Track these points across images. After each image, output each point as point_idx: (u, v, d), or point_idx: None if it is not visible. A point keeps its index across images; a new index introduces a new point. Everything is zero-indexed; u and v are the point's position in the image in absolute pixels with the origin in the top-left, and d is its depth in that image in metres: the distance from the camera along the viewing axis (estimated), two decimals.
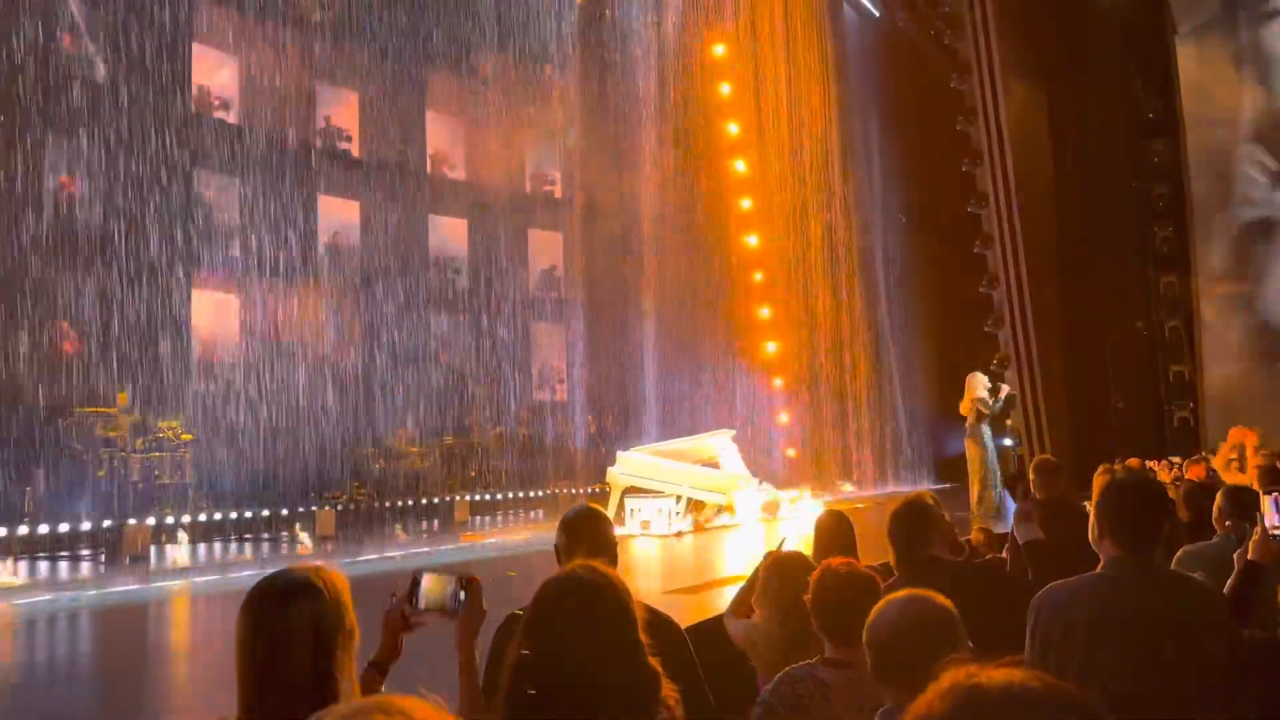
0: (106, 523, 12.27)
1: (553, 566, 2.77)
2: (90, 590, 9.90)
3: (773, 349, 23.44)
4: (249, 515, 14.58)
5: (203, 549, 13.19)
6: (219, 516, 14.19)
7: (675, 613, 6.17)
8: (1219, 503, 4.84)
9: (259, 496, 15.01)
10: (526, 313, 22.12)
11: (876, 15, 28.38)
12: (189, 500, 14.36)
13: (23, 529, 11.76)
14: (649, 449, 15.16)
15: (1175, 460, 15.98)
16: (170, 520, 13.50)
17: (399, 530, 14.80)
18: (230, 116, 18.03)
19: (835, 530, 4.55)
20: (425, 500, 16.95)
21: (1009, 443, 25.12)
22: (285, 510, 14.58)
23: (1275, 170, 25.34)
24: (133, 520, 12.35)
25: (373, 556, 11.44)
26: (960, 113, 27.38)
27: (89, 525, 12.51)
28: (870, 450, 25.46)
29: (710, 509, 14.32)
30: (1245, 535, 3.68)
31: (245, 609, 1.93)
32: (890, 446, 26.49)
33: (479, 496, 18.03)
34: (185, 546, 13.05)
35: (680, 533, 13.28)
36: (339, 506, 15.28)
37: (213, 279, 17.68)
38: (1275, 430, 20.38)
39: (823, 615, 2.83)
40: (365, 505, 16.23)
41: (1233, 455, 11.20)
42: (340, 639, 1.92)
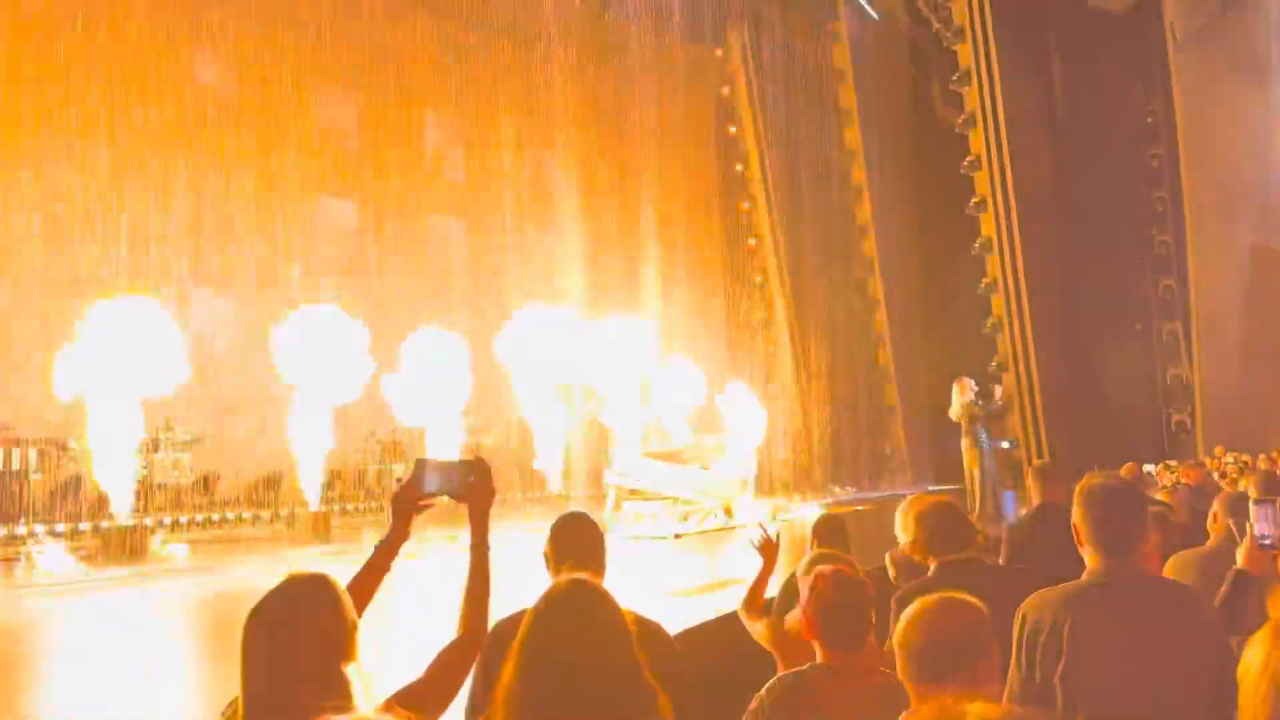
0: (103, 522, 12.26)
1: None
2: (89, 591, 9.89)
3: (771, 350, 23.44)
4: (247, 515, 14.58)
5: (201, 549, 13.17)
6: (217, 516, 14.18)
7: (671, 616, 6.18)
8: (1215, 508, 4.85)
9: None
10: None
11: (876, 18, 28.39)
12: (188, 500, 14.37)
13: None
14: (646, 452, 15.15)
15: (1172, 464, 15.99)
16: (168, 520, 13.48)
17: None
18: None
19: (829, 534, 4.55)
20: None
21: (1006, 445, 25.13)
22: (284, 510, 14.58)
23: None
24: (130, 520, 12.34)
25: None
26: (959, 116, 27.41)
27: (86, 524, 12.51)
28: (867, 453, 25.46)
29: (706, 512, 14.31)
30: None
31: (256, 616, 1.95)
32: (888, 449, 26.48)
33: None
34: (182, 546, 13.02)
35: (676, 536, 13.27)
36: (338, 507, 15.25)
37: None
38: (1272, 434, 20.48)
39: (816, 621, 2.83)
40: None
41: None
42: (347, 638, 1.97)
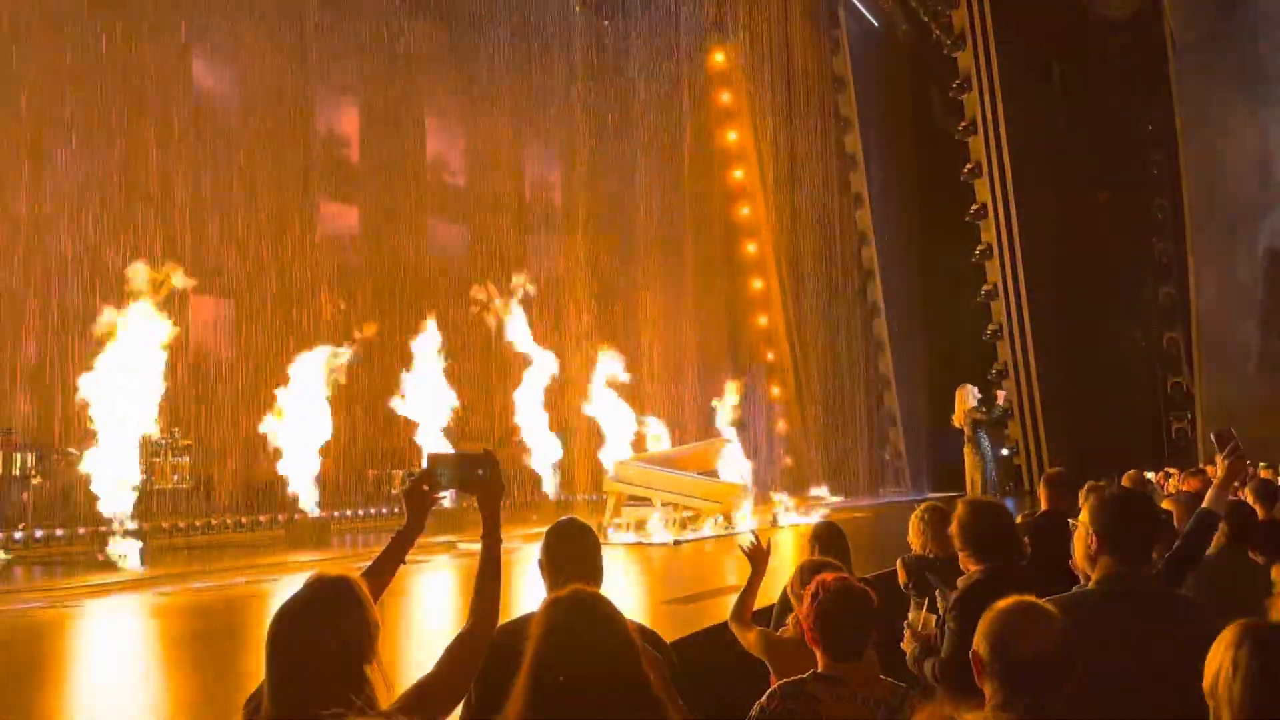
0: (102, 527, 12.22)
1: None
2: (86, 596, 9.87)
3: (771, 357, 23.45)
4: (244, 521, 14.57)
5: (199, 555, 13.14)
6: (214, 522, 14.17)
7: (670, 623, 6.17)
8: None
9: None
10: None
11: (876, 25, 28.44)
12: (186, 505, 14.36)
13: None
14: (646, 457, 15.13)
15: (1172, 472, 15.94)
16: (165, 525, 13.46)
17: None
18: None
19: (829, 541, 4.53)
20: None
21: (1005, 452, 25.12)
22: (281, 516, 14.56)
23: None
24: (128, 525, 12.30)
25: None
26: (959, 123, 27.46)
27: (84, 530, 12.48)
28: (867, 459, 25.45)
29: (707, 518, 14.28)
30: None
31: (279, 621, 1.97)
32: (888, 456, 26.48)
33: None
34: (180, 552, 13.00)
35: (676, 542, 13.25)
36: (335, 513, 15.23)
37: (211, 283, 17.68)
38: (1272, 442, 20.43)
39: (816, 630, 2.81)
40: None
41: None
42: (371, 642, 1.99)
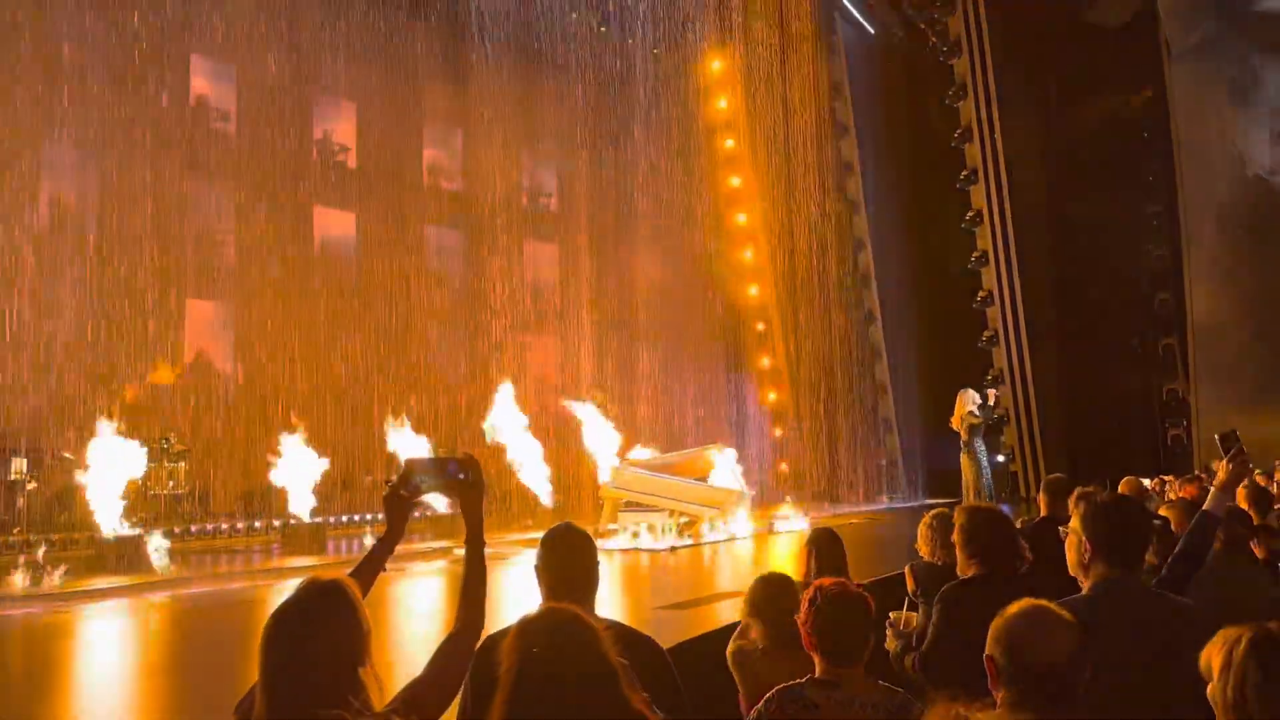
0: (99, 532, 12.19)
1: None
2: (83, 600, 9.85)
3: (766, 364, 23.47)
4: (240, 526, 14.55)
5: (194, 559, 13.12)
6: (210, 527, 14.14)
7: (666, 629, 6.16)
8: None
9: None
10: (522, 324, 22.08)
11: (872, 32, 28.50)
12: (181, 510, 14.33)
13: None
14: (644, 462, 15.13)
15: (1169, 479, 15.99)
16: (161, 530, 13.42)
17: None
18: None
19: (825, 547, 4.53)
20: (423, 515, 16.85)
21: (1001, 459, 25.14)
22: (276, 521, 14.53)
23: None
24: (124, 530, 12.28)
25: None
26: (955, 130, 27.52)
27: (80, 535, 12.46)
28: (863, 465, 25.46)
29: (703, 523, 14.27)
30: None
31: (274, 625, 1.97)
32: (883, 462, 26.49)
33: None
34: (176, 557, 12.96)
35: (674, 547, 13.24)
36: (330, 519, 15.20)
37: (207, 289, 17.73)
38: (1266, 450, 20.47)
39: (814, 635, 2.81)
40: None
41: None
42: (364, 645, 2.00)
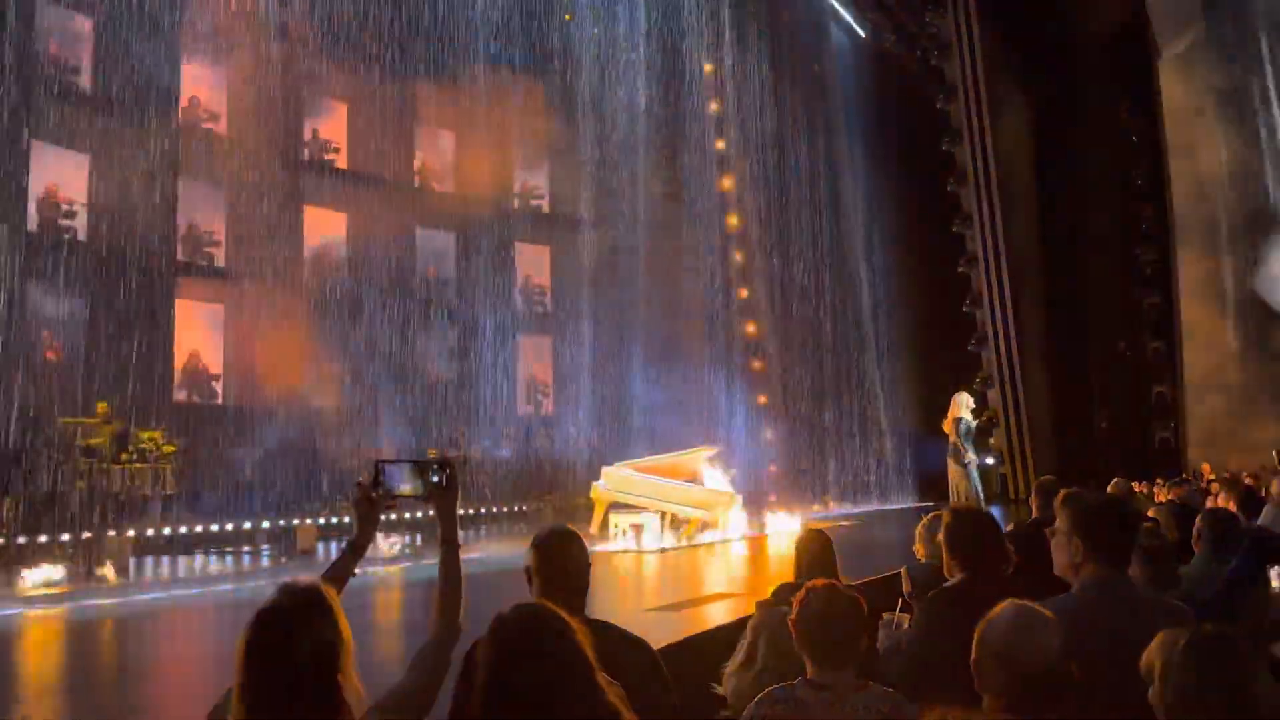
0: (85, 534, 12.15)
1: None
2: (64, 603, 9.81)
3: (758, 366, 23.48)
4: (229, 528, 14.48)
5: (182, 562, 13.08)
6: (200, 529, 14.08)
7: (657, 630, 6.16)
8: (1198, 525, 4.89)
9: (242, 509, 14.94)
10: (513, 326, 22.09)
11: (862, 35, 28.57)
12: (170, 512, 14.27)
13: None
14: (634, 464, 15.12)
15: (1159, 482, 16.09)
16: (150, 532, 13.38)
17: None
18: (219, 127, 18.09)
19: (816, 549, 4.52)
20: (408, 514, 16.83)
21: (991, 461, 25.21)
22: (266, 524, 14.48)
23: None
24: (112, 532, 12.25)
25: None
26: (946, 133, 27.60)
27: (67, 536, 12.40)
28: (853, 468, 25.51)
29: (694, 525, 14.28)
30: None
31: (253, 630, 1.91)
32: (873, 464, 26.53)
33: (465, 511, 17.89)
34: (164, 559, 12.94)
35: (664, 549, 13.25)
36: (321, 520, 15.14)
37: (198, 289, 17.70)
38: (1254, 450, 20.59)
39: (805, 636, 2.81)
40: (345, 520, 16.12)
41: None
42: (342, 652, 1.94)
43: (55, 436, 13.71)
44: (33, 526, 12.37)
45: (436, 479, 2.40)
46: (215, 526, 14.36)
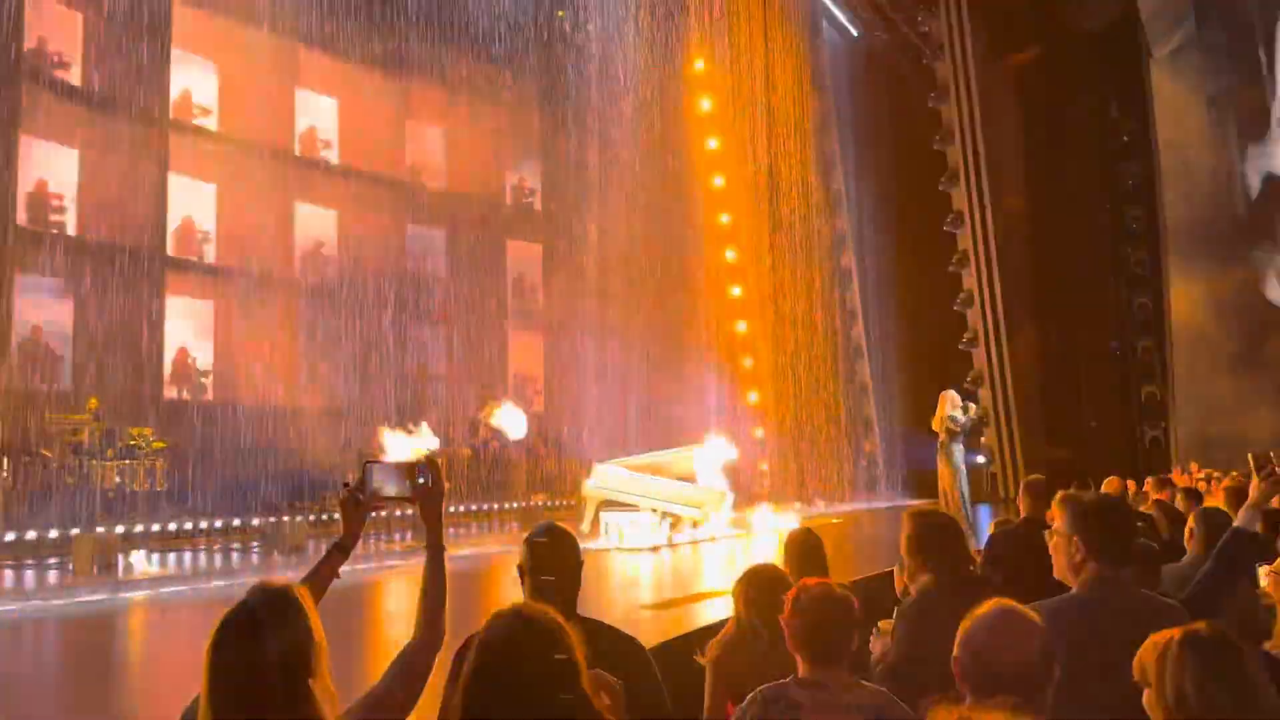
0: (74, 530, 12.09)
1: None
2: (56, 600, 9.76)
3: (748, 363, 23.50)
4: (219, 525, 14.41)
5: (172, 558, 13.02)
6: (189, 526, 14.01)
7: (649, 629, 6.16)
8: (1190, 523, 4.90)
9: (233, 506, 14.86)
10: (504, 323, 22.06)
11: (855, 34, 28.58)
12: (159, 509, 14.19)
13: None
14: (625, 462, 15.10)
15: (1150, 481, 16.09)
16: (139, 529, 13.32)
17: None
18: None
19: (806, 547, 4.51)
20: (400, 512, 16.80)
21: (981, 460, 25.26)
22: (255, 521, 14.41)
23: None
24: (100, 529, 12.19)
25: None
26: (937, 132, 27.63)
27: (56, 533, 12.35)
28: (843, 465, 25.53)
29: (686, 523, 14.27)
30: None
31: (219, 632, 1.88)
32: (864, 462, 26.57)
33: (451, 509, 17.87)
34: (154, 556, 12.87)
35: (656, 547, 13.24)
36: (311, 517, 15.07)
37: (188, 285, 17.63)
38: (1243, 450, 20.67)
39: (798, 635, 2.80)
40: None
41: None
42: (314, 654, 1.90)
43: (44, 432, 13.65)
44: (21, 523, 12.32)
45: (423, 479, 2.38)
46: (204, 523, 14.27)
